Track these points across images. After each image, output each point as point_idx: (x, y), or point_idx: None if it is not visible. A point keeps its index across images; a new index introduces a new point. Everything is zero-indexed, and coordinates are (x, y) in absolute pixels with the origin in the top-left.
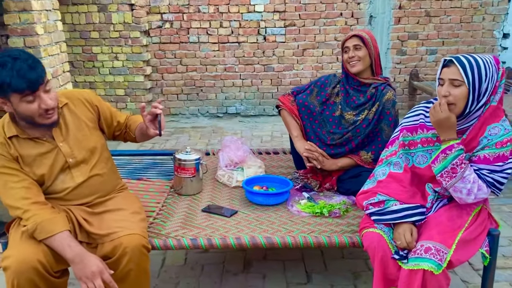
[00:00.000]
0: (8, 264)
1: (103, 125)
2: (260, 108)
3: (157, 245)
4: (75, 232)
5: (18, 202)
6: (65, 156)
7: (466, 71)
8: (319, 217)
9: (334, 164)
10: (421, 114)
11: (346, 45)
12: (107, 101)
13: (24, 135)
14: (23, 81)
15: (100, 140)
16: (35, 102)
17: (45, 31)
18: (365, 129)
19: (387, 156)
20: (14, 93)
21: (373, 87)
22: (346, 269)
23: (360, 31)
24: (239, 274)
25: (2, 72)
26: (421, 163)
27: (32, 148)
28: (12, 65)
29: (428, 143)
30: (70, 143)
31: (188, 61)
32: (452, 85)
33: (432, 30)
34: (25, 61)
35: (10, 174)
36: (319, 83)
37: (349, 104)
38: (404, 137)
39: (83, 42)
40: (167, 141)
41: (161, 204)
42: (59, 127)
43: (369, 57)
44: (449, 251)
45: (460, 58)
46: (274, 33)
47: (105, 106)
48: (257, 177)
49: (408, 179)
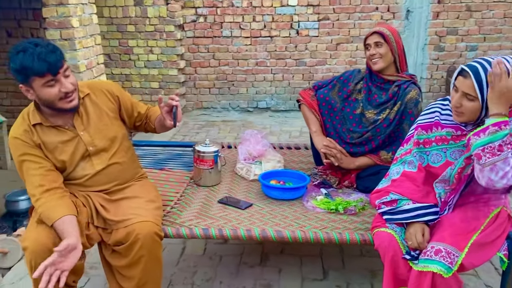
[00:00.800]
0: (27, 244)
1: (124, 115)
2: (291, 103)
3: (170, 233)
4: (92, 217)
5: (34, 190)
6: (85, 144)
7: (481, 86)
8: (334, 213)
9: (352, 163)
10: (436, 111)
11: (367, 42)
12: (141, 93)
13: (48, 123)
14: (44, 64)
15: (121, 130)
16: (55, 86)
17: (81, 24)
18: (386, 129)
19: (402, 155)
20: (36, 77)
21: (395, 85)
22: (364, 267)
23: (381, 27)
24: (256, 267)
25: (24, 56)
26: (435, 162)
27: (55, 136)
28: (33, 50)
29: (443, 142)
30: (91, 132)
31: (221, 55)
32: (465, 98)
33: (473, 25)
34: (45, 47)
35: (31, 161)
36: (342, 78)
37: (371, 102)
38: (419, 135)
39: (119, 35)
40: (197, 134)
41: (180, 194)
42: (80, 116)
43: (392, 53)
44: (460, 254)
45: (478, 70)
46: (307, 27)
47: (126, 97)
48: (275, 171)
49: (422, 178)
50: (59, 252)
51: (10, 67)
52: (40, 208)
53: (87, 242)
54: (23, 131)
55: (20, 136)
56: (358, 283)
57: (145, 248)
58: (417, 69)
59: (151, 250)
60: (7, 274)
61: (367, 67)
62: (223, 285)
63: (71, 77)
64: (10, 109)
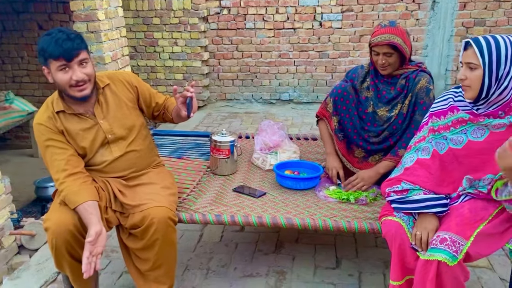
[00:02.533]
0: (48, 225)
1: (142, 105)
2: (313, 95)
3: (184, 219)
4: (110, 201)
5: (57, 174)
6: (104, 132)
7: (482, 53)
8: (345, 203)
9: (374, 174)
10: (449, 98)
11: (375, 50)
12: (166, 85)
13: (70, 110)
14: (59, 49)
15: (139, 119)
16: (68, 72)
17: (106, 17)
18: (402, 125)
19: (416, 142)
20: (52, 60)
21: (403, 78)
22: (377, 257)
23: (391, 35)
24: (270, 254)
25: (45, 39)
26: (458, 144)
27: (76, 123)
28: (55, 35)
29: (461, 124)
30: (110, 120)
31: (244, 47)
32: (468, 68)
33: (502, 15)
34: (67, 34)
35: (55, 147)
36: (347, 80)
37: (381, 99)
38: (433, 122)
39: (145, 28)
40: (220, 125)
41: (196, 182)
42: (100, 105)
43: (402, 58)
44: (466, 243)
45: (479, 39)
46: (330, 19)
47: (144, 87)
48: (289, 162)
49: (437, 165)
50: (90, 242)
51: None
52: (63, 192)
53: (106, 225)
54: (47, 117)
55: (44, 122)
56: (370, 272)
57: (159, 232)
58: (443, 61)
59: (165, 234)
60: (34, 255)
61: (371, 62)
62: (238, 271)
63: (88, 68)
64: (42, 99)
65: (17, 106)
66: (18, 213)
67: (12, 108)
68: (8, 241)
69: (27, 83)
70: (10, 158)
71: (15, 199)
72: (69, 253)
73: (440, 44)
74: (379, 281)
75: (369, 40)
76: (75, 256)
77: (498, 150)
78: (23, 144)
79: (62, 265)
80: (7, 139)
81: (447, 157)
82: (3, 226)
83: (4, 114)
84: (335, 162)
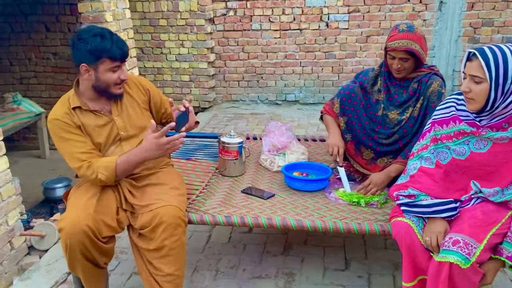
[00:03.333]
0: (63, 226)
1: (153, 109)
2: (320, 96)
3: (194, 220)
4: (120, 201)
5: (79, 163)
6: (118, 128)
7: (489, 67)
8: (355, 205)
9: (386, 178)
10: (452, 106)
11: (391, 54)
12: (173, 86)
13: (86, 107)
14: (119, 51)
15: (150, 121)
16: (117, 72)
17: (114, 19)
18: (412, 128)
19: (418, 150)
20: (108, 60)
21: (415, 81)
22: (387, 259)
23: (409, 42)
24: (279, 256)
25: (103, 40)
26: (460, 155)
27: (92, 120)
28: (110, 36)
29: (462, 135)
30: (124, 118)
31: (250, 49)
32: (473, 81)
33: (510, 16)
34: (117, 36)
35: (76, 140)
36: (356, 83)
37: (392, 102)
38: (436, 131)
39: (152, 30)
40: (226, 126)
41: (205, 184)
42: (115, 103)
43: (418, 62)
44: (479, 246)
45: (485, 51)
46: (337, 20)
47: (156, 92)
48: (298, 163)
49: (441, 174)
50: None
51: (79, 47)
52: (94, 165)
53: (118, 226)
54: (63, 113)
55: (62, 118)
56: (379, 274)
57: (168, 232)
58: (450, 62)
59: (174, 234)
60: (44, 256)
61: (385, 63)
62: (246, 272)
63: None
64: (48, 101)
65: (25, 108)
66: (27, 214)
67: (20, 109)
68: (18, 242)
69: (35, 85)
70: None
71: (24, 200)
72: (82, 254)
73: (447, 45)
74: (388, 283)
75: (386, 43)
76: (89, 257)
77: None
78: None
79: (75, 266)
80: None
81: (451, 167)
82: (14, 227)
83: (12, 115)
84: (336, 140)
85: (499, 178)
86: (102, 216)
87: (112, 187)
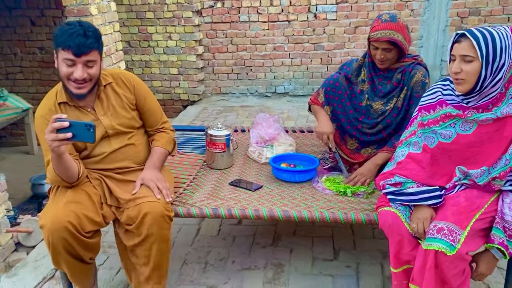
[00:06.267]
0: (43, 223)
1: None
2: (309, 88)
3: (181, 213)
4: (104, 197)
5: (46, 165)
6: (105, 127)
7: (480, 45)
8: (342, 195)
9: (373, 166)
10: (437, 91)
11: (374, 44)
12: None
13: (72, 102)
14: (70, 41)
15: (138, 121)
16: (71, 67)
17: (99, 12)
18: (396, 118)
19: (407, 137)
20: (60, 49)
21: (398, 72)
22: (375, 248)
23: (391, 31)
24: (268, 247)
25: (63, 28)
26: (447, 138)
27: (76, 117)
28: (73, 26)
29: (449, 118)
30: (110, 117)
31: (239, 41)
32: (463, 61)
33: (497, 5)
34: (85, 30)
35: None
36: (340, 72)
37: (376, 93)
38: (423, 116)
39: (139, 22)
40: (216, 119)
41: (192, 177)
42: (100, 102)
43: (401, 52)
44: (463, 233)
45: (473, 31)
46: (325, 11)
47: (142, 92)
48: (286, 155)
49: (427, 159)
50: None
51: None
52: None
53: (103, 220)
54: (48, 110)
55: (46, 114)
56: (368, 263)
57: (154, 227)
58: (438, 52)
59: (160, 229)
60: (31, 252)
61: (369, 54)
62: (235, 264)
63: (94, 69)
64: (36, 96)
65: (12, 104)
66: (14, 211)
67: (6, 105)
68: (5, 239)
69: (21, 80)
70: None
71: (11, 197)
72: (66, 250)
73: (435, 35)
74: (377, 272)
75: (369, 34)
76: (73, 253)
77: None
78: (19, 141)
79: (59, 262)
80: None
81: (438, 151)
82: (0, 223)
83: None
84: (325, 127)
85: (485, 157)
86: (85, 210)
87: (96, 181)
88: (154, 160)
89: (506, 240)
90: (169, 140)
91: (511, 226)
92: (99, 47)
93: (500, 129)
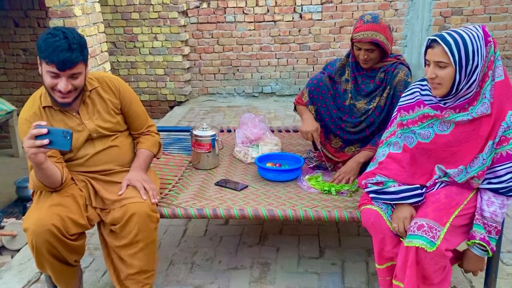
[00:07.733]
0: (27, 226)
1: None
2: (296, 88)
3: (166, 214)
4: (90, 198)
5: (30, 169)
6: (90, 131)
7: (452, 51)
8: (327, 194)
9: (355, 165)
10: (416, 92)
11: (357, 45)
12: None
13: (57, 106)
14: (53, 57)
15: (123, 126)
16: (55, 79)
17: (83, 13)
18: (379, 117)
19: (387, 137)
20: (44, 63)
21: (382, 71)
22: (360, 246)
23: (374, 32)
24: (254, 246)
25: (47, 39)
26: (425, 138)
27: (62, 121)
28: (58, 39)
29: (427, 118)
30: (95, 122)
31: (225, 41)
32: (437, 67)
33: (478, 4)
34: (69, 43)
35: None
36: (324, 72)
37: (359, 92)
38: (402, 117)
39: (124, 23)
40: (203, 120)
41: (178, 178)
42: (85, 107)
43: (383, 52)
44: (442, 229)
45: (445, 37)
46: (310, 11)
47: (128, 96)
48: (271, 154)
49: (407, 158)
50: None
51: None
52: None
53: (88, 223)
54: (32, 113)
55: (30, 118)
56: (353, 261)
57: (139, 228)
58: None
59: (146, 230)
60: (16, 256)
61: (352, 54)
62: (222, 264)
63: (78, 80)
64: (20, 98)
65: None
66: None
67: None
68: None
69: (5, 82)
70: None
71: None
72: (50, 253)
73: (419, 34)
74: (361, 269)
75: (351, 34)
76: (57, 255)
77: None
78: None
79: (44, 265)
80: None
81: (417, 151)
82: None
83: None
84: (309, 126)
85: (462, 157)
86: (69, 213)
87: (81, 183)
88: (140, 161)
89: (487, 236)
90: (154, 143)
91: (489, 222)
92: (84, 59)
93: (476, 129)
